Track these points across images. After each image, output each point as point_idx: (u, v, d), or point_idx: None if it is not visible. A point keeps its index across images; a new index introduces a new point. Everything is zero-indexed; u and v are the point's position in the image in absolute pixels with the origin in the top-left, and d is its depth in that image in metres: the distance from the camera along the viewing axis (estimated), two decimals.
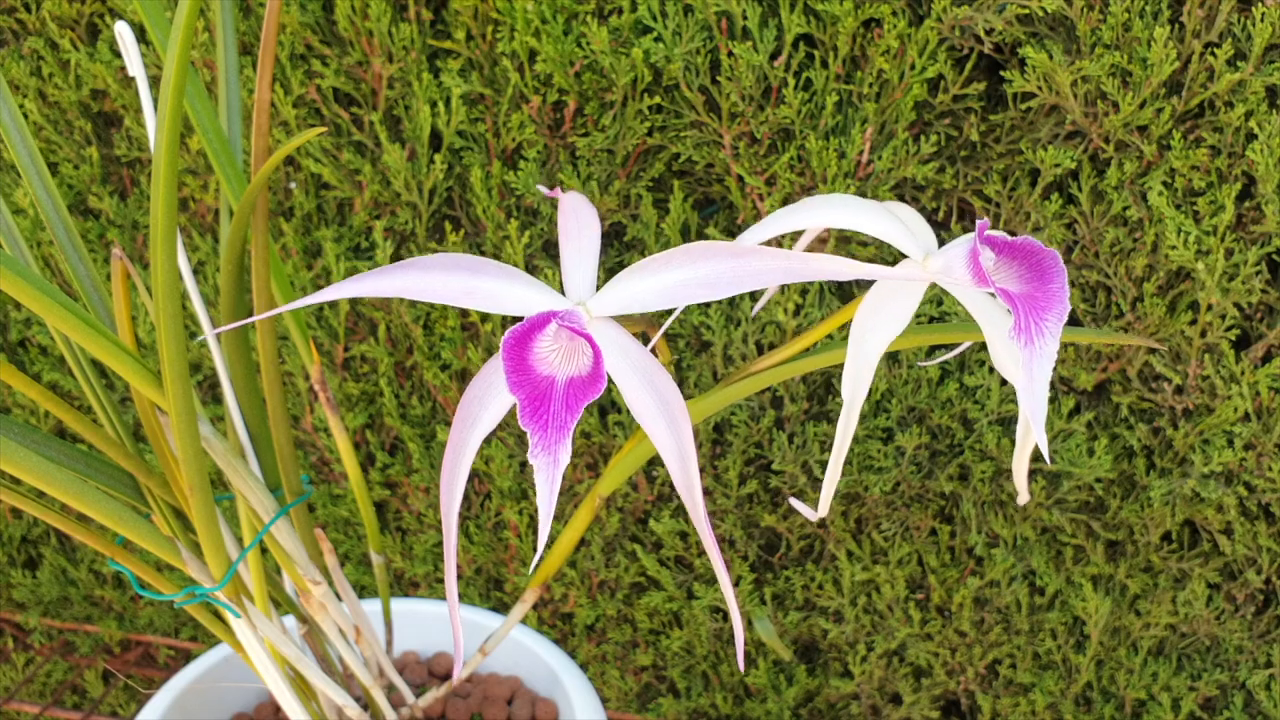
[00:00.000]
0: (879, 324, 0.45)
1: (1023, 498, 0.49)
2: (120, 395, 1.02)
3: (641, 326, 0.50)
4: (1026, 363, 0.42)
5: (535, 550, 0.59)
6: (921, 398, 0.85)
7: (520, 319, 0.41)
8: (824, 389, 0.88)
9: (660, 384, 0.44)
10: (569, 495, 0.96)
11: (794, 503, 0.47)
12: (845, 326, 0.49)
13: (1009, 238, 0.43)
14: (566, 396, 0.41)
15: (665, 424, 0.44)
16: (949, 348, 0.83)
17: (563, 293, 0.45)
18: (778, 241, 0.50)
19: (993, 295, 0.44)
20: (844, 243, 0.81)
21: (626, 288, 0.43)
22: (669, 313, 0.73)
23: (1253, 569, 0.84)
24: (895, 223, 0.45)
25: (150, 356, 0.52)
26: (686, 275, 0.42)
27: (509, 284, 0.43)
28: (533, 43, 0.79)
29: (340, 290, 0.41)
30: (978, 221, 0.43)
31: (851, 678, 0.97)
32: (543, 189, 0.53)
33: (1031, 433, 0.46)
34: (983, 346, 0.85)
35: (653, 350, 0.47)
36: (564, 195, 0.47)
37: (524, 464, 0.96)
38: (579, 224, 0.45)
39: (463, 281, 0.43)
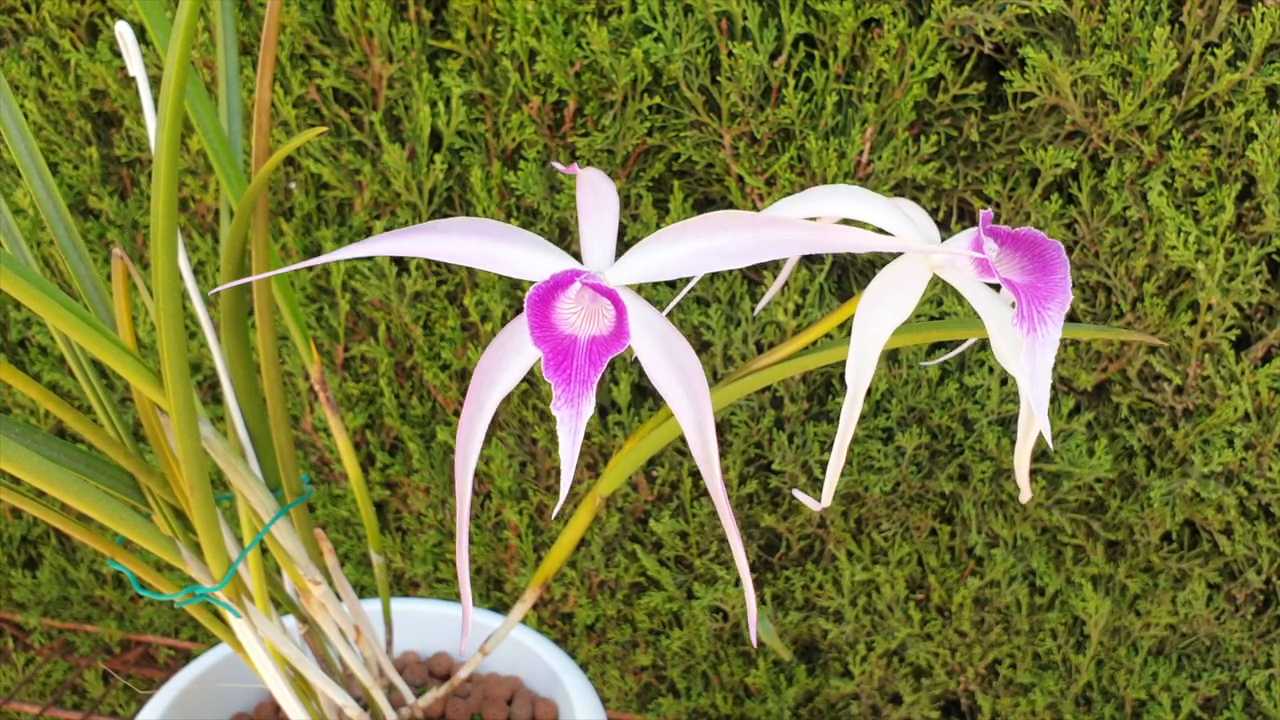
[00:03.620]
0: (882, 312, 0.45)
1: (1025, 495, 0.49)
2: (120, 395, 1.02)
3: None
4: (1030, 350, 0.42)
5: (556, 507, 0.59)
6: (921, 398, 0.85)
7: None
8: (824, 389, 0.88)
9: (680, 353, 0.44)
10: (569, 495, 0.96)
11: (798, 494, 0.47)
12: (844, 325, 0.49)
13: (1012, 229, 0.44)
14: (590, 352, 0.41)
15: (685, 393, 0.44)
16: (950, 347, 0.83)
17: (581, 263, 0.45)
18: None
19: (995, 288, 0.45)
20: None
21: (645, 257, 0.43)
22: (669, 305, 0.73)
23: (1253, 569, 0.84)
24: (900, 216, 0.46)
25: (150, 356, 0.52)
26: (704, 244, 0.42)
27: (529, 250, 0.44)
28: (533, 43, 0.79)
29: (358, 249, 0.42)
30: (981, 212, 0.43)
31: (851, 678, 0.97)
32: (557, 166, 0.53)
33: (1034, 426, 0.46)
34: (983, 347, 0.85)
35: None
36: (583, 171, 0.47)
37: (524, 464, 0.96)
38: (599, 201, 0.45)
39: (483, 246, 0.43)
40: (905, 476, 0.87)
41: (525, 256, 0.44)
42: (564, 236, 0.88)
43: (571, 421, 0.40)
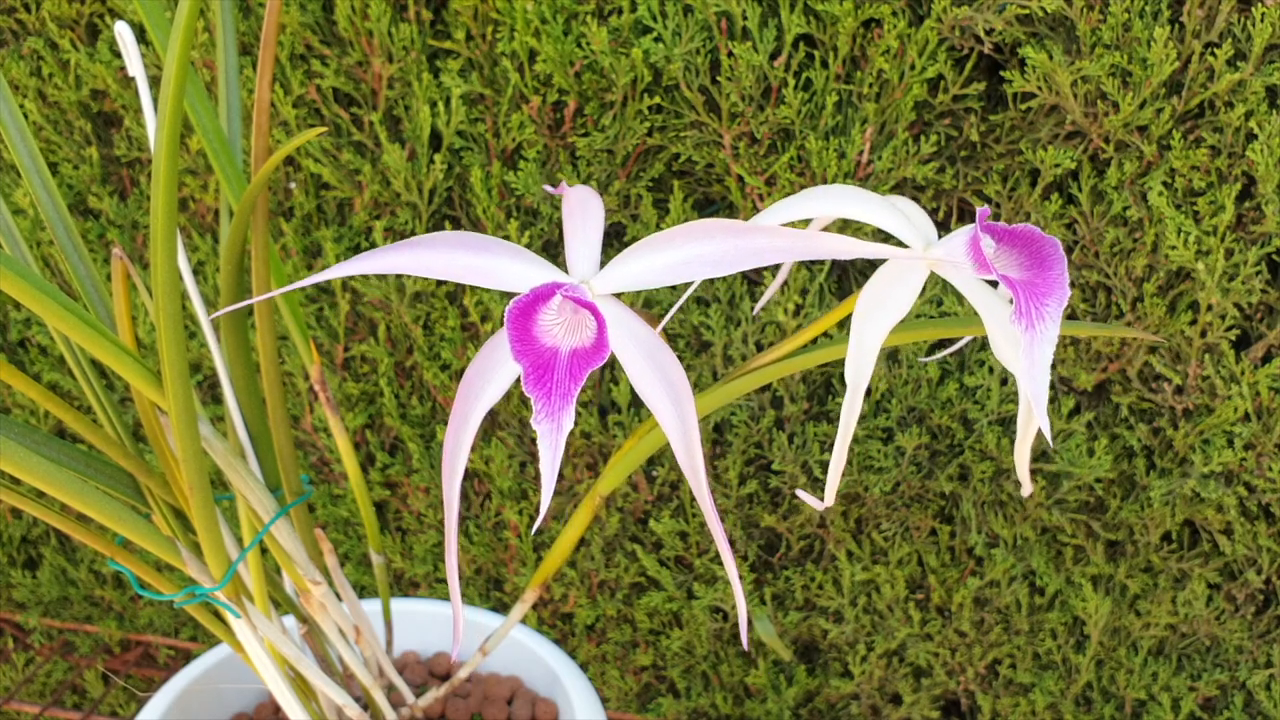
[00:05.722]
0: (880, 310, 0.45)
1: (1026, 489, 0.49)
2: (120, 395, 1.02)
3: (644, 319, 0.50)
4: (1028, 346, 0.42)
5: (536, 521, 0.59)
6: (921, 398, 0.85)
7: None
8: (824, 389, 0.88)
9: (664, 361, 0.44)
10: (569, 495, 0.96)
11: (800, 494, 0.47)
12: (843, 323, 0.49)
13: (1009, 226, 0.44)
14: (570, 365, 0.41)
15: (669, 401, 0.44)
16: (949, 345, 0.82)
17: (566, 272, 0.45)
18: None
19: (993, 285, 0.45)
20: (843, 229, 0.81)
21: (630, 265, 0.43)
22: (670, 307, 0.73)
23: (1253, 569, 0.84)
24: (897, 214, 0.46)
25: (150, 356, 0.52)
26: (690, 253, 0.42)
27: (512, 261, 0.43)
28: (533, 43, 0.79)
29: (343, 269, 0.41)
30: (978, 210, 0.43)
31: (851, 678, 0.97)
32: (548, 188, 0.53)
33: (1033, 421, 0.46)
34: (983, 347, 0.85)
35: None
36: (570, 189, 0.47)
37: (524, 464, 0.96)
38: (584, 210, 0.45)
39: (466, 259, 0.43)
40: (905, 476, 0.87)
41: (510, 268, 0.43)
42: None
43: (552, 435, 0.40)
